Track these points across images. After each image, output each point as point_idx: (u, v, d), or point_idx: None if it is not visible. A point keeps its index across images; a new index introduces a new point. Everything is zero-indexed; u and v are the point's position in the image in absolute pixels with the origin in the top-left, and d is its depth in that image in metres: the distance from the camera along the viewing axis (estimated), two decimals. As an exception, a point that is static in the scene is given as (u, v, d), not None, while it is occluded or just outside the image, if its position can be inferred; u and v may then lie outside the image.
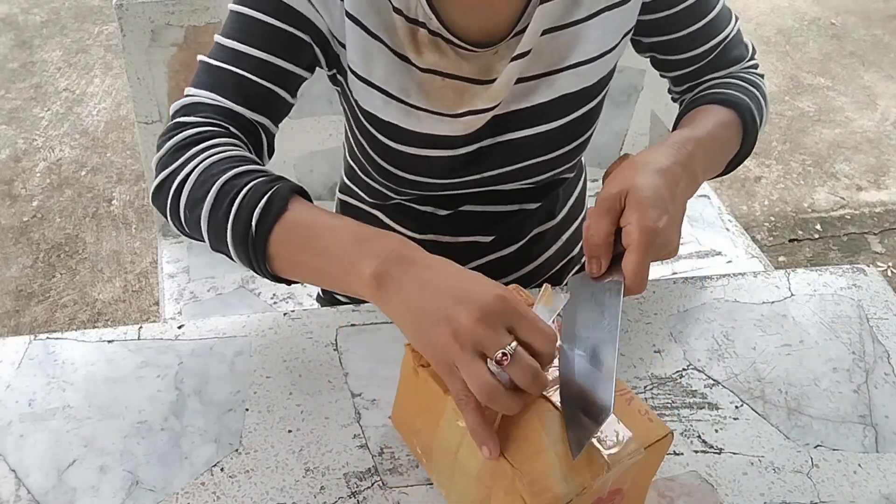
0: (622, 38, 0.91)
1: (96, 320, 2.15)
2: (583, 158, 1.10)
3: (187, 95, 0.83)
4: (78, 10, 3.44)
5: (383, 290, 0.65)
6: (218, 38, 0.84)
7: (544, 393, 0.66)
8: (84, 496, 0.75)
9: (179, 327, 0.91)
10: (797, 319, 0.93)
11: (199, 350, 0.89)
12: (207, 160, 0.77)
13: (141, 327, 0.91)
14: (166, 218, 0.81)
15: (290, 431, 0.80)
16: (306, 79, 0.88)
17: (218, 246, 0.77)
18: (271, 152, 0.89)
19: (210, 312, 1.42)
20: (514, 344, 0.60)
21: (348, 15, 0.83)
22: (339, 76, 0.91)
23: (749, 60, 1.00)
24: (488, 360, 0.61)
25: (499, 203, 1.01)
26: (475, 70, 0.87)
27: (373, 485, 0.76)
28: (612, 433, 0.65)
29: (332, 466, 0.77)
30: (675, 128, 0.94)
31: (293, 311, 0.93)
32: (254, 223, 0.72)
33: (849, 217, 2.52)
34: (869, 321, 0.93)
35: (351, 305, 0.94)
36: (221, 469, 0.77)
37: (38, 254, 2.35)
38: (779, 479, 0.77)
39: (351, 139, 0.99)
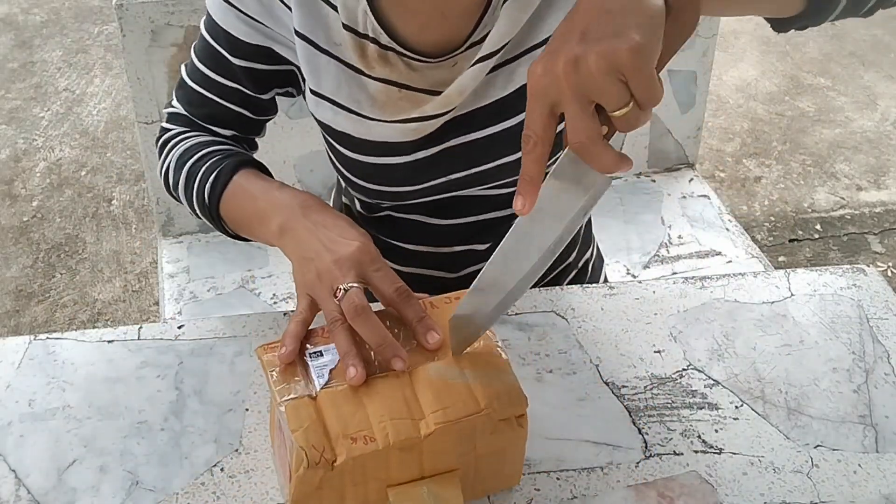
0: None
1: (96, 320, 2.15)
2: None
3: (171, 105, 0.96)
4: (78, 10, 3.44)
5: (284, 238, 0.80)
6: (192, 53, 0.93)
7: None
8: (84, 496, 0.75)
9: (179, 327, 0.91)
10: (797, 319, 0.93)
11: (199, 350, 0.89)
12: (179, 150, 0.92)
13: (141, 327, 0.91)
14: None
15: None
16: (285, 92, 0.94)
17: (202, 220, 0.92)
18: (254, 148, 1.00)
19: (210, 312, 1.42)
20: (352, 284, 0.72)
21: (297, 33, 0.84)
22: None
23: None
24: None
25: (488, 210, 1.00)
26: (430, 81, 0.85)
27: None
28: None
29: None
30: None
31: (293, 311, 0.93)
32: (206, 198, 0.88)
33: (849, 217, 2.52)
34: (869, 321, 0.93)
35: (351, 305, 0.94)
36: (221, 469, 0.77)
37: (38, 254, 2.35)
38: (779, 479, 0.77)
39: (330, 162, 0.99)
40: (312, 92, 0.88)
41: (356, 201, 1.05)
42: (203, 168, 0.88)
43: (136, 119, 1.44)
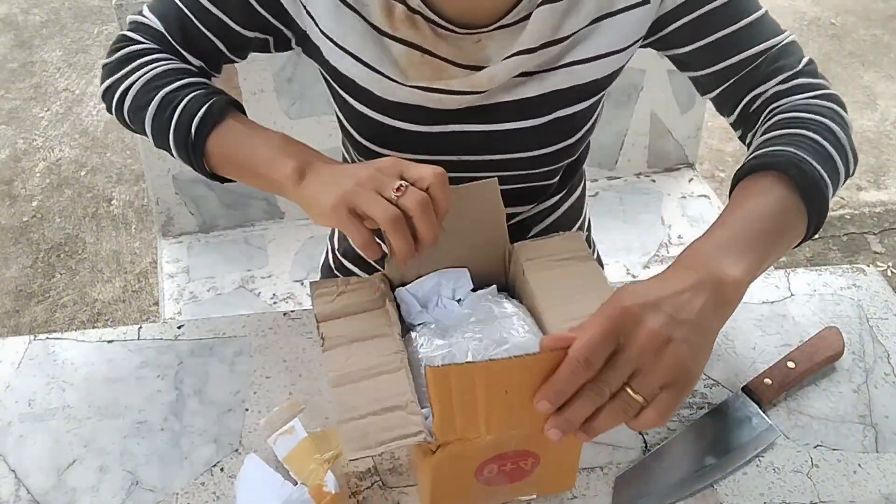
0: (629, 46, 0.88)
1: (96, 320, 2.15)
2: (584, 165, 1.10)
3: (142, 14, 0.91)
4: (78, 10, 3.44)
5: (304, 179, 0.77)
6: None
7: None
8: (84, 496, 0.75)
9: (179, 327, 0.91)
10: (797, 319, 0.93)
11: (198, 350, 0.89)
12: (150, 72, 0.86)
13: (141, 327, 0.91)
14: (111, 113, 0.91)
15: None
16: (262, 42, 0.90)
17: (161, 145, 0.87)
18: None
19: (210, 312, 1.42)
20: (406, 182, 0.72)
21: None
22: (308, 48, 0.91)
23: (801, 77, 0.85)
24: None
25: None
26: (453, 52, 0.86)
27: (373, 485, 0.76)
28: None
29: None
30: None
31: (293, 311, 0.93)
32: (193, 129, 0.82)
33: (849, 217, 2.52)
34: (869, 321, 0.93)
35: (351, 305, 0.94)
36: (221, 469, 0.77)
37: (38, 254, 2.35)
38: (779, 479, 0.77)
39: (339, 127, 0.98)
40: (337, 46, 0.87)
41: None
42: (185, 99, 0.83)
43: (136, 119, 1.44)
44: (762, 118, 0.85)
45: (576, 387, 0.61)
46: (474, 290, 0.82)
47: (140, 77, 0.86)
